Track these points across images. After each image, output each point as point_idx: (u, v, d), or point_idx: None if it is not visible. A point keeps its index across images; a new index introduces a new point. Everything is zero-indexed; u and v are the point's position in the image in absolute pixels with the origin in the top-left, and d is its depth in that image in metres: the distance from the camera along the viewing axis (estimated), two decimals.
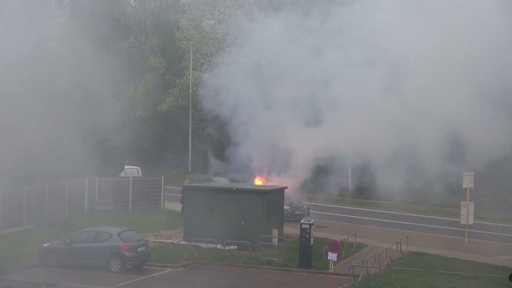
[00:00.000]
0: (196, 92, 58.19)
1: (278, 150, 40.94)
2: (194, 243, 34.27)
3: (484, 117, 35.70)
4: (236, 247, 34.86)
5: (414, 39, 36.87)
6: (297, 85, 40.19)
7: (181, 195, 43.76)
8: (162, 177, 48.68)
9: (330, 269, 29.03)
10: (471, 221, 38.46)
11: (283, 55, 41.37)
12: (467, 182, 37.96)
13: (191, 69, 62.10)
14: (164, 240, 36.84)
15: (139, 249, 31.49)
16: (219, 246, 34.34)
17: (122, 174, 51.78)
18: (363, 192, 51.99)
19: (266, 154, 41.05)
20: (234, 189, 36.84)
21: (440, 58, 36.40)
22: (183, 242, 35.39)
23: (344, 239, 34.84)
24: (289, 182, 40.27)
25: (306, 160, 40.33)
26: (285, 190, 38.48)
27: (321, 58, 39.70)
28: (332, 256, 28.66)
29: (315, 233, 34.00)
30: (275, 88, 41.25)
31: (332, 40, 39.05)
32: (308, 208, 40.05)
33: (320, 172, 42.60)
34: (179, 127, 65.65)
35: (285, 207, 39.61)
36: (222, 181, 44.71)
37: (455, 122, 36.03)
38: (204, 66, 60.86)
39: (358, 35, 38.28)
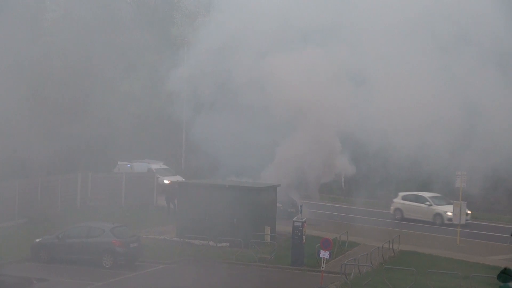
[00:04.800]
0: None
1: None
2: (186, 240, 34.27)
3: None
4: (228, 244, 34.85)
5: None
6: None
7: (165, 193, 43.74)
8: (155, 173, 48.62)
9: (322, 267, 29.07)
10: (463, 221, 38.48)
11: None
12: (460, 182, 37.94)
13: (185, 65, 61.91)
14: (157, 236, 36.79)
15: (131, 245, 31.44)
16: (211, 243, 34.34)
17: (116, 169, 51.74)
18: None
19: None
20: (227, 186, 36.82)
21: None
22: (175, 239, 35.38)
23: (337, 237, 34.87)
24: None
25: None
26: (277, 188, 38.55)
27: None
28: (324, 254, 28.71)
29: (308, 231, 34.01)
30: None
31: None
32: (301, 206, 40.00)
33: None
34: (173, 122, 65.48)
35: (278, 204, 39.59)
36: None
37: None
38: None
39: None
